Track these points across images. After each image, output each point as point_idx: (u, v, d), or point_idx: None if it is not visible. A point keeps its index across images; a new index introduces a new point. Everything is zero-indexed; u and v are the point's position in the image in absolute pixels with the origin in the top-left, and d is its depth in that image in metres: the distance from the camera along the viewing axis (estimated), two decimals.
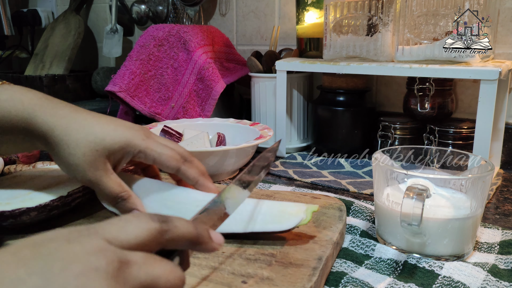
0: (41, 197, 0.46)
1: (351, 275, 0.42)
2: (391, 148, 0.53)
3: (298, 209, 0.43)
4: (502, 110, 0.76)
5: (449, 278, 0.41)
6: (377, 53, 0.76)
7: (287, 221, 0.41)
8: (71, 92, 1.30)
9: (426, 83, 0.78)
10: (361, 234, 0.51)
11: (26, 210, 0.43)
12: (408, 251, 0.46)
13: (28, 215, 0.44)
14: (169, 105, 0.96)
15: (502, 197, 0.65)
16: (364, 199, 0.63)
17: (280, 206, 0.44)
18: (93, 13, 1.47)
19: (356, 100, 0.85)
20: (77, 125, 0.44)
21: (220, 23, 1.16)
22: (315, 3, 0.88)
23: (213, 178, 0.71)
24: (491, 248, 0.48)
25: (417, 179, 0.45)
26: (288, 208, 0.43)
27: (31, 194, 0.47)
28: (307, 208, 0.42)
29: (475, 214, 0.45)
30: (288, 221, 0.41)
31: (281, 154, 0.88)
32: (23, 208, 0.43)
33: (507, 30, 0.80)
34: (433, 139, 0.78)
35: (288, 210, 0.43)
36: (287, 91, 0.86)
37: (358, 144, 0.85)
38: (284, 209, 0.43)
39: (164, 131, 0.77)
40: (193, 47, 0.93)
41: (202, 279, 0.37)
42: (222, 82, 0.93)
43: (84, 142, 0.43)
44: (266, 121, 0.91)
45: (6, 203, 0.44)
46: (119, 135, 0.44)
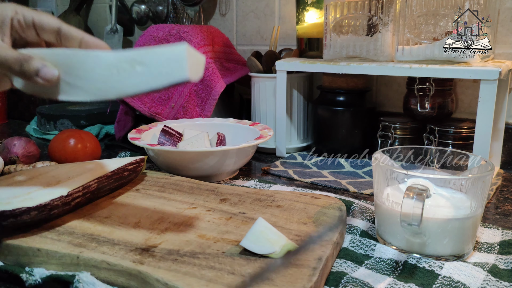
0: (41, 197, 0.46)
1: (351, 275, 0.42)
2: (391, 148, 0.53)
3: (278, 239, 0.41)
4: (502, 110, 0.76)
5: (449, 278, 0.41)
6: (377, 53, 0.76)
7: (260, 245, 0.41)
8: None
9: (426, 83, 0.78)
10: (361, 234, 0.51)
11: (26, 209, 0.43)
12: (408, 251, 0.46)
13: (28, 215, 0.44)
14: (169, 105, 0.96)
15: (502, 197, 0.65)
16: (364, 199, 0.63)
17: (265, 228, 0.42)
18: (93, 13, 1.47)
19: (356, 100, 0.85)
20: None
21: (220, 23, 1.16)
22: (315, 3, 0.88)
23: (213, 178, 0.71)
24: (491, 248, 0.48)
25: (417, 179, 0.45)
26: (270, 234, 0.41)
27: (31, 194, 0.47)
28: (285, 244, 0.41)
29: (475, 214, 0.45)
30: (261, 245, 0.41)
31: (281, 154, 0.88)
32: (24, 208, 0.43)
33: (507, 30, 0.80)
34: (433, 139, 0.78)
35: (269, 235, 0.41)
36: (287, 91, 0.86)
37: (358, 144, 0.85)
38: (266, 233, 0.41)
39: (164, 131, 0.77)
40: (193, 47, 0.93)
41: (202, 279, 0.37)
42: (222, 82, 0.93)
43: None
44: (266, 121, 0.91)
45: (7, 203, 0.44)
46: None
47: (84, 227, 0.47)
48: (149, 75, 0.40)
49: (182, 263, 0.40)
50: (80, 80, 0.43)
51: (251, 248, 0.41)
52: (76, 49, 0.46)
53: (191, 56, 0.41)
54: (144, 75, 0.40)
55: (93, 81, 0.43)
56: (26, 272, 0.41)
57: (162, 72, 0.40)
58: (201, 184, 0.61)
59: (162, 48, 0.40)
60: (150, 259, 0.40)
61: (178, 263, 0.40)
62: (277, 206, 0.53)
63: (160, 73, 0.40)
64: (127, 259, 0.40)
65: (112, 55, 0.42)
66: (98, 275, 0.40)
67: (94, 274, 0.40)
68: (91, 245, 0.43)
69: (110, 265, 0.40)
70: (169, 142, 0.76)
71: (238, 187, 0.59)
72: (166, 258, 0.40)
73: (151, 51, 0.41)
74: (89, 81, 0.43)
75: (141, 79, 0.41)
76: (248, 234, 0.41)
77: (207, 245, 0.43)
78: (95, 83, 0.42)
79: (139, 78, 0.41)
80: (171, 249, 0.42)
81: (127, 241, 0.44)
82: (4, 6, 0.45)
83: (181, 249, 0.42)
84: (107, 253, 0.41)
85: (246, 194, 0.57)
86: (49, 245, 0.43)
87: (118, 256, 0.41)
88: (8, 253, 0.43)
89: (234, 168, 0.72)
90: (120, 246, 0.43)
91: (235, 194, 0.57)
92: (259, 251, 0.41)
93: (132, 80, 0.41)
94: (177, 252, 0.42)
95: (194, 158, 0.67)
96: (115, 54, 0.42)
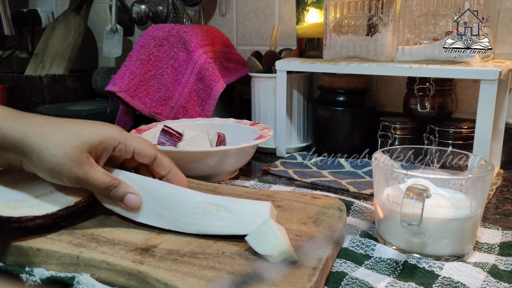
0: (48, 204, 0.46)
1: (351, 275, 0.42)
2: (391, 148, 0.53)
3: (279, 245, 0.40)
4: (502, 110, 0.76)
5: (449, 278, 0.41)
6: (377, 53, 0.76)
7: (260, 244, 0.41)
8: (71, 92, 1.30)
9: (426, 83, 0.78)
10: (361, 234, 0.51)
11: (32, 218, 0.43)
12: (408, 251, 0.46)
13: (33, 222, 0.44)
14: (169, 105, 0.96)
15: (502, 197, 0.65)
16: (364, 199, 0.63)
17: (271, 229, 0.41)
18: (93, 13, 1.47)
19: (356, 100, 0.85)
20: (52, 127, 0.44)
21: (220, 23, 1.16)
22: (315, 3, 0.88)
23: (213, 178, 0.71)
24: (491, 248, 0.48)
25: (417, 179, 0.45)
26: (273, 237, 0.41)
27: (38, 199, 0.46)
28: (284, 251, 0.40)
29: (475, 214, 0.45)
30: (261, 245, 0.40)
31: (281, 154, 0.88)
32: (30, 216, 0.43)
33: (507, 30, 0.80)
34: (433, 139, 0.78)
35: (271, 238, 0.40)
36: (287, 91, 0.86)
37: (358, 144, 0.85)
38: (270, 235, 0.41)
39: (164, 131, 0.77)
40: (193, 47, 0.93)
41: (202, 279, 0.37)
42: (222, 82, 0.93)
43: (63, 141, 0.43)
44: (266, 121, 0.91)
45: (14, 207, 0.44)
46: (96, 130, 0.46)
47: (84, 227, 0.47)
48: (232, 222, 0.44)
49: (182, 263, 0.40)
50: (165, 209, 0.46)
51: (252, 244, 0.41)
52: (166, 183, 0.49)
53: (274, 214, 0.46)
54: (227, 221, 0.45)
55: (177, 214, 0.46)
56: (26, 272, 0.41)
57: (245, 222, 0.44)
58: (201, 184, 0.60)
59: (249, 201, 0.46)
60: (150, 259, 0.40)
61: (178, 263, 0.40)
62: (277, 206, 0.53)
63: (243, 223, 0.44)
64: (127, 259, 0.40)
65: (199, 195, 0.47)
66: (98, 275, 0.40)
67: (94, 274, 0.40)
68: (91, 245, 0.43)
69: (110, 265, 0.40)
70: (169, 142, 0.76)
71: (238, 187, 0.59)
72: (166, 258, 0.40)
73: (238, 200, 0.46)
74: (173, 212, 0.46)
75: (223, 223, 0.45)
76: (254, 230, 0.41)
77: (207, 245, 0.43)
78: (178, 215, 0.46)
79: (222, 222, 0.45)
80: (171, 249, 0.42)
81: (127, 241, 0.44)
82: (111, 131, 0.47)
83: (181, 249, 0.42)
84: (107, 253, 0.41)
85: (246, 194, 0.57)
86: (49, 245, 0.43)
87: (118, 256, 0.41)
88: (8, 253, 0.43)
89: (234, 168, 0.72)
90: (120, 246, 0.43)
91: (235, 194, 0.57)
92: (258, 250, 0.41)
93: (216, 222, 0.45)
94: (177, 252, 0.42)
95: (194, 158, 0.67)
96: (202, 196, 0.47)
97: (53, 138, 0.43)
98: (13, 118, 0.44)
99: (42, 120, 0.45)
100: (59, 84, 1.26)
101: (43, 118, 0.45)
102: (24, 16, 1.47)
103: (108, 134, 0.46)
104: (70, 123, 0.46)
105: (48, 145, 0.43)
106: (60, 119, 0.46)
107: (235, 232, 0.44)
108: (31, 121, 0.44)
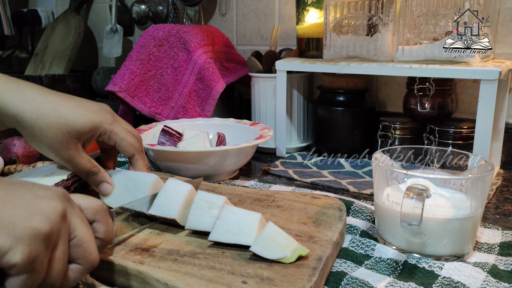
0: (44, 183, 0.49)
1: (351, 275, 0.42)
2: (391, 148, 0.53)
3: (289, 244, 0.40)
4: (502, 110, 0.76)
5: (449, 278, 0.41)
6: (377, 53, 0.76)
7: (271, 250, 0.40)
8: (71, 92, 1.28)
9: (426, 83, 0.78)
10: (361, 234, 0.51)
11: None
12: (408, 251, 0.46)
13: None
14: (169, 105, 0.96)
15: (502, 197, 0.65)
16: (364, 199, 0.63)
17: (275, 232, 0.41)
18: (93, 13, 1.47)
19: (356, 100, 0.85)
20: (47, 108, 0.46)
21: (220, 23, 1.16)
22: (315, 3, 0.88)
23: (213, 178, 0.71)
24: (491, 248, 0.48)
25: (417, 179, 0.45)
26: (281, 238, 0.40)
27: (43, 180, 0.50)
28: (297, 248, 0.40)
29: (475, 214, 0.45)
30: (272, 250, 0.40)
31: (281, 154, 0.88)
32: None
33: (507, 30, 0.80)
34: (433, 139, 0.78)
35: (279, 240, 0.40)
36: (287, 91, 0.86)
37: (358, 144, 0.85)
38: (276, 237, 0.40)
39: (164, 131, 0.77)
40: (193, 47, 0.93)
41: (202, 279, 0.37)
42: (222, 82, 0.93)
43: (56, 125, 0.46)
44: (266, 121, 0.91)
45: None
46: (89, 118, 0.48)
47: None
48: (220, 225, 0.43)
49: (182, 263, 0.40)
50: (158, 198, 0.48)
51: (262, 253, 0.40)
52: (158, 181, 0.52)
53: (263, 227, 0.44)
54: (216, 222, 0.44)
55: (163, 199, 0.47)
56: None
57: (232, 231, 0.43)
58: (201, 184, 0.61)
59: (241, 210, 0.44)
60: (150, 259, 0.40)
61: (178, 263, 0.40)
62: (277, 206, 0.53)
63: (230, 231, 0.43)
64: (127, 259, 0.40)
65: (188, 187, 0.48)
66: (98, 275, 0.40)
67: (94, 274, 0.40)
68: None
69: (110, 265, 0.40)
70: (169, 142, 0.76)
71: (238, 187, 0.59)
72: (166, 258, 0.40)
73: (231, 207, 0.45)
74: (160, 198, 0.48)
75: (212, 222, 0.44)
76: (258, 239, 0.40)
77: (207, 245, 0.43)
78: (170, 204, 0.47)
79: (211, 221, 0.44)
80: (171, 249, 0.42)
81: (127, 241, 0.44)
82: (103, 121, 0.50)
83: (181, 249, 0.42)
84: (107, 253, 0.41)
85: (246, 194, 0.57)
86: None
87: (118, 256, 0.41)
88: None
89: (234, 168, 0.72)
90: (120, 246, 0.43)
91: (235, 194, 0.57)
92: (270, 256, 0.39)
93: (205, 219, 0.45)
94: (177, 252, 0.42)
95: (194, 158, 0.67)
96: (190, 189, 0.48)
97: (48, 120, 0.46)
98: (9, 90, 0.46)
99: (39, 96, 0.47)
100: (59, 84, 1.26)
101: (41, 94, 0.47)
102: (24, 16, 1.47)
103: (100, 124, 0.49)
104: (66, 107, 0.48)
105: (42, 125, 0.46)
106: (57, 97, 0.48)
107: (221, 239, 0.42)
108: (28, 96, 0.46)
